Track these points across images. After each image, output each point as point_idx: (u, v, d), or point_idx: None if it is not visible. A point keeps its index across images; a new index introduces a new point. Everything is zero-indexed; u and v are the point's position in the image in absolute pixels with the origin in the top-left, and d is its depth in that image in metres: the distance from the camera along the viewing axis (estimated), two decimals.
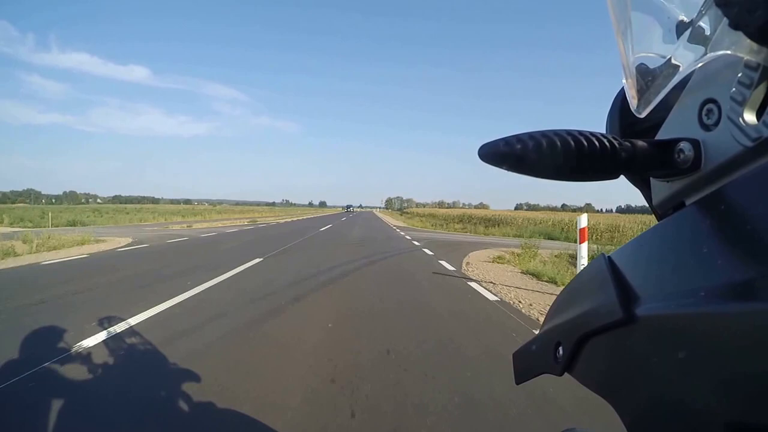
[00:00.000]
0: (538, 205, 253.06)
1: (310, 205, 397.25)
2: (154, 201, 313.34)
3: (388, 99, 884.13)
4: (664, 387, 0.18)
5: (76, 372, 2.27)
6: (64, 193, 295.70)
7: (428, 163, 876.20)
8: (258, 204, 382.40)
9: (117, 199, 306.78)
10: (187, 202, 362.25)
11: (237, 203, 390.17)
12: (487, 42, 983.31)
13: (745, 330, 0.14)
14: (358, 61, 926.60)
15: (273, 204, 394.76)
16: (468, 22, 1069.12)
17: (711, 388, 0.15)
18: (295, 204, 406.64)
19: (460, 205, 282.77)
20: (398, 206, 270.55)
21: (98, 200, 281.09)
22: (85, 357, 2.49)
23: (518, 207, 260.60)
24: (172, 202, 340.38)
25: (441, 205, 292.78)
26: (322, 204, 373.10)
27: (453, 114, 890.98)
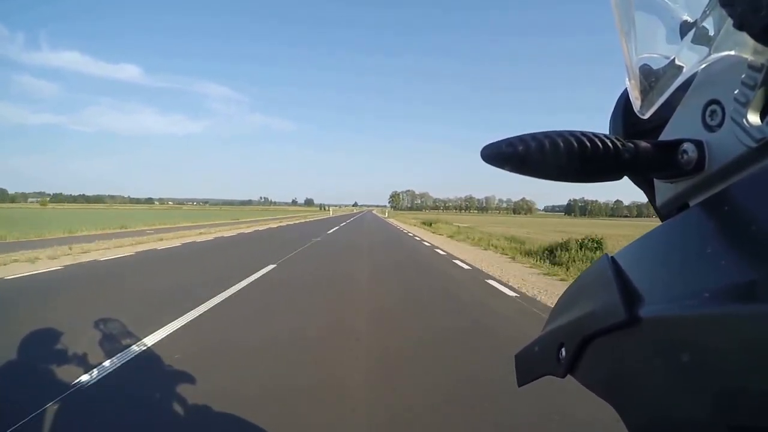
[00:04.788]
0: (596, 201, 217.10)
1: (294, 203, 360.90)
2: (98, 200, 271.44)
3: (396, 90, 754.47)
4: (668, 389, 0.18)
5: None
6: None
7: (448, 152, 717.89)
8: (231, 203, 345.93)
9: (56, 198, 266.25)
10: (149, 201, 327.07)
11: (206, 202, 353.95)
12: (503, 29, 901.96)
13: (750, 332, 0.15)
14: (352, 53, 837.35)
15: (249, 202, 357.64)
16: (475, 9, 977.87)
17: (715, 390, 0.16)
18: (275, 203, 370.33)
19: (495, 203, 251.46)
20: (409, 203, 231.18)
21: (29, 200, 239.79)
22: None
23: (570, 204, 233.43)
24: (132, 201, 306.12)
25: (470, 202, 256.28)
26: (309, 202, 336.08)
27: (463, 105, 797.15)
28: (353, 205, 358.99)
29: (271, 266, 7.08)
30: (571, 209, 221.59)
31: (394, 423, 2.04)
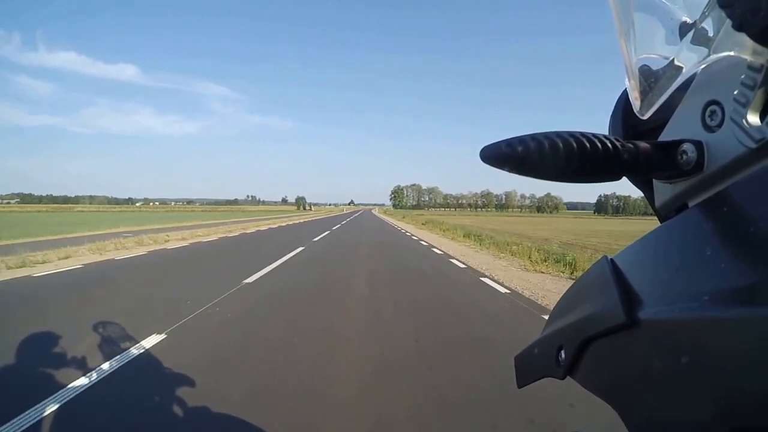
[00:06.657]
0: (629, 197, 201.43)
1: (284, 202, 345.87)
2: (72, 201, 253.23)
3: (396, 88, 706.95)
4: (668, 392, 0.18)
5: None
6: None
7: (457, 144, 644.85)
8: (218, 202, 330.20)
9: (26, 199, 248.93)
10: (130, 201, 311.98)
11: (189, 201, 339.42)
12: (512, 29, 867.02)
13: (749, 334, 0.15)
14: (351, 52, 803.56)
15: (236, 201, 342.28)
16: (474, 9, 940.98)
17: (715, 393, 0.16)
18: (263, 201, 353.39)
19: (517, 198, 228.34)
20: (415, 200, 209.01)
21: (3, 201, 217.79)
22: None
23: (602, 201, 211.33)
24: (110, 201, 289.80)
25: (488, 197, 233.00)
26: (300, 201, 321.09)
27: (466, 102, 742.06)
28: (348, 204, 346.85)
29: None
30: (602, 207, 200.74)
31: None
